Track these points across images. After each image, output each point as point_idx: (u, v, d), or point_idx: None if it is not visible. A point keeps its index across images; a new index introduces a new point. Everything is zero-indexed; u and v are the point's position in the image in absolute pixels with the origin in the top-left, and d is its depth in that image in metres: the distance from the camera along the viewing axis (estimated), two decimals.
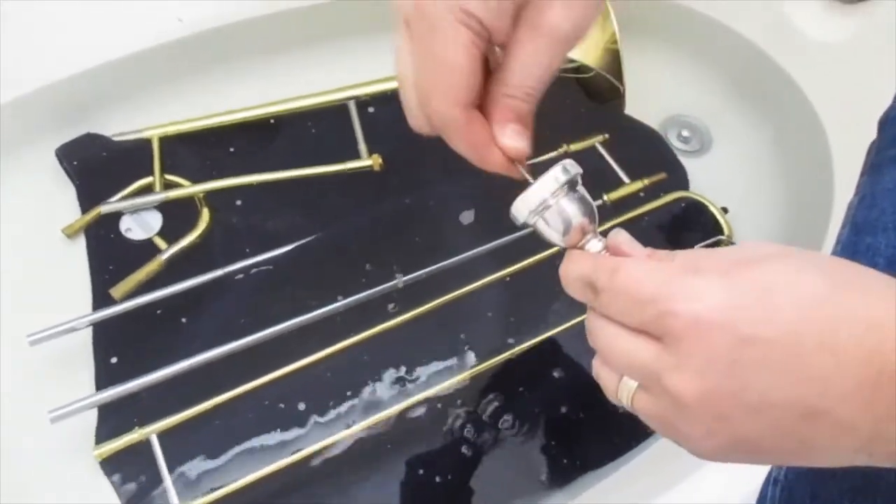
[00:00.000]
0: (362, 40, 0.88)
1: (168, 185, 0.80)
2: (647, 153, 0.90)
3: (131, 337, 0.71)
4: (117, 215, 0.77)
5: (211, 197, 0.80)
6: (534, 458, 0.67)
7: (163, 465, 0.63)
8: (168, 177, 0.81)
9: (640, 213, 0.83)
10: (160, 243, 0.76)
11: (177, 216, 0.78)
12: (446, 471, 0.66)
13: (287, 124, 0.87)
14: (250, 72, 0.89)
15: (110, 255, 0.75)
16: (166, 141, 0.82)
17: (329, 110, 0.88)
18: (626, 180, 0.86)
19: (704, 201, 0.85)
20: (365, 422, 0.67)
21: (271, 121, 0.87)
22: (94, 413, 0.66)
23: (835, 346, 0.25)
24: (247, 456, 0.66)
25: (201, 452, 0.65)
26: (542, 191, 0.32)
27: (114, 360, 0.69)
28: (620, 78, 0.89)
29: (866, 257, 0.43)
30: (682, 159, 0.91)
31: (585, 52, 0.89)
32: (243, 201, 0.80)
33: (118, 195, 0.78)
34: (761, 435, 0.27)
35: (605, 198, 0.83)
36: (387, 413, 0.67)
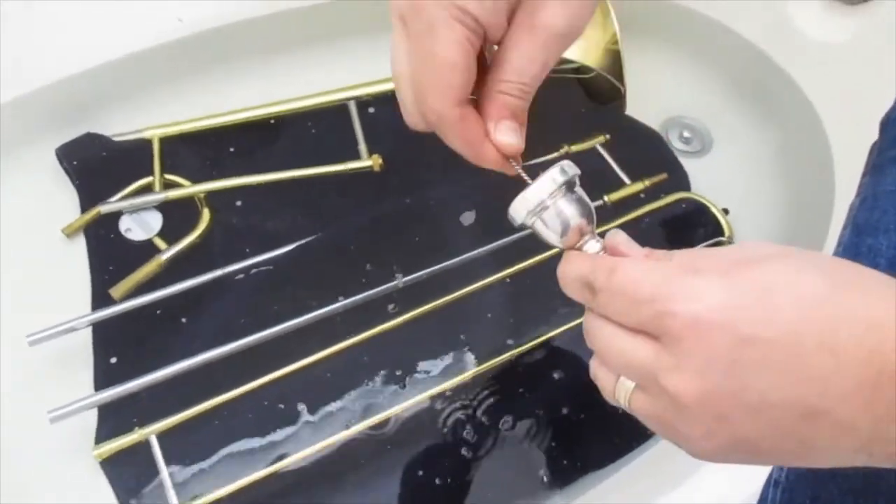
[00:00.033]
0: (362, 40, 0.88)
1: (168, 185, 0.80)
2: (647, 154, 0.90)
3: (131, 337, 0.71)
4: (117, 215, 0.77)
5: (211, 197, 0.80)
6: (534, 458, 0.67)
7: (162, 465, 0.63)
8: (168, 177, 0.80)
9: (640, 214, 0.83)
10: (160, 243, 0.76)
11: (177, 216, 0.78)
12: (446, 472, 0.65)
13: (287, 124, 0.87)
14: (250, 72, 0.89)
15: (110, 255, 0.75)
16: (166, 141, 0.82)
17: (329, 110, 0.88)
18: (627, 181, 0.86)
19: (705, 202, 0.85)
20: (364, 422, 0.67)
21: (271, 121, 0.87)
22: (93, 413, 0.66)
23: (835, 347, 0.25)
24: (246, 456, 0.65)
25: (201, 453, 0.65)
26: (540, 192, 0.32)
27: (113, 360, 0.69)
28: (621, 79, 0.89)
29: (868, 258, 0.43)
30: (683, 160, 0.91)
31: (586, 52, 0.89)
32: (243, 201, 0.80)
33: (118, 195, 0.78)
34: (761, 435, 0.27)
35: (605, 199, 0.83)
36: (386, 414, 0.67)
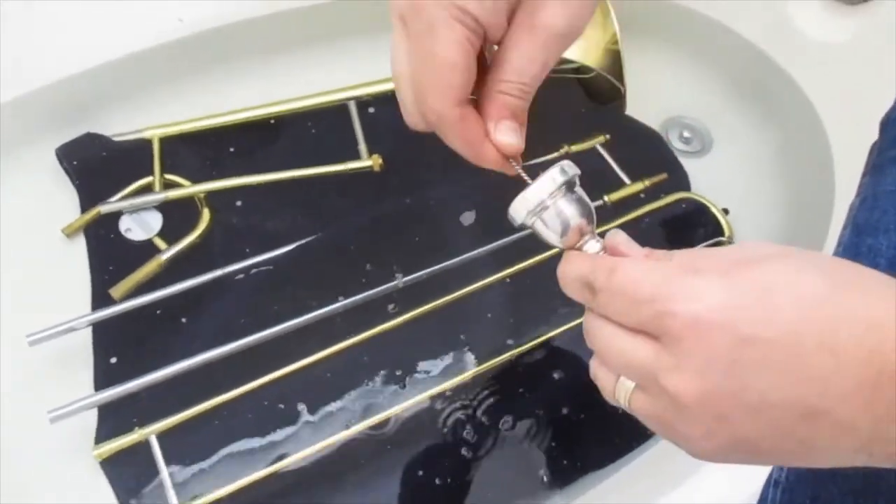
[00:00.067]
0: (362, 40, 0.88)
1: (168, 185, 0.80)
2: (647, 154, 0.90)
3: (131, 337, 0.71)
4: (117, 215, 0.77)
5: (211, 197, 0.80)
6: (534, 459, 0.67)
7: (162, 465, 0.63)
8: (168, 177, 0.80)
9: (640, 214, 0.83)
10: (160, 243, 0.76)
11: (177, 216, 0.78)
12: (446, 472, 0.65)
13: (287, 124, 0.87)
14: (250, 72, 0.89)
15: (110, 256, 0.75)
16: (166, 141, 0.82)
17: (329, 110, 0.88)
18: (627, 181, 0.86)
19: (705, 202, 0.85)
20: (364, 422, 0.67)
21: (271, 121, 0.86)
22: (93, 413, 0.66)
23: (835, 347, 0.25)
24: (246, 456, 0.65)
25: (200, 453, 0.65)
26: (539, 192, 0.32)
27: (113, 360, 0.69)
28: (621, 79, 0.89)
29: (868, 258, 0.43)
30: (683, 160, 0.91)
31: (586, 52, 0.89)
32: (243, 201, 0.80)
33: (118, 195, 0.78)
34: (761, 435, 0.27)
35: (605, 199, 0.83)
36: (386, 414, 0.67)
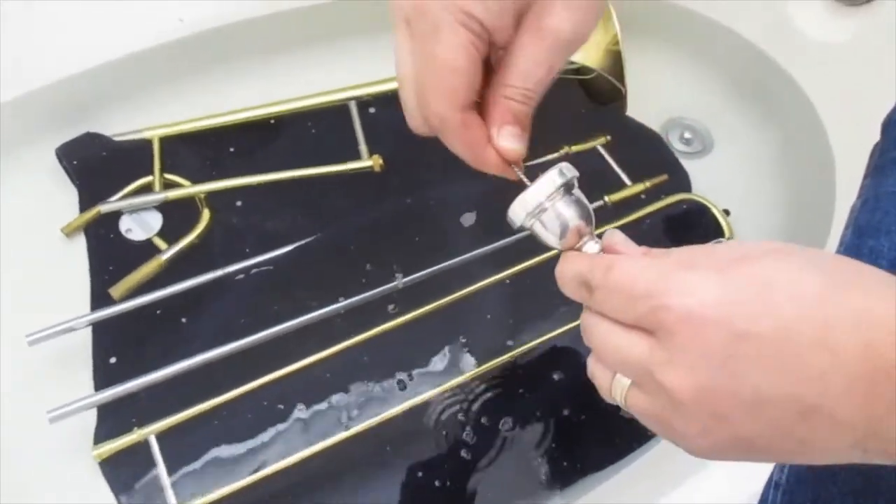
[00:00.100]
0: (362, 40, 0.88)
1: (168, 185, 0.80)
2: (648, 155, 0.90)
3: (131, 337, 0.70)
4: (117, 215, 0.77)
5: (211, 197, 0.79)
6: (533, 460, 0.66)
7: (161, 465, 0.63)
8: (168, 177, 0.80)
9: (641, 215, 0.83)
10: (160, 243, 0.76)
11: (177, 216, 0.78)
12: (446, 473, 0.65)
13: (287, 124, 0.87)
14: (250, 72, 0.89)
15: (110, 255, 0.75)
16: (166, 141, 0.82)
17: (329, 110, 0.88)
18: (628, 182, 0.85)
19: (706, 203, 0.84)
20: (364, 423, 0.66)
21: (271, 121, 0.86)
22: (93, 413, 0.66)
23: (831, 344, 0.25)
24: (245, 457, 0.65)
25: (200, 453, 0.65)
26: (538, 194, 0.32)
27: (113, 360, 0.69)
28: (622, 79, 0.89)
29: (869, 260, 0.43)
30: (684, 161, 0.90)
31: (587, 53, 0.89)
32: (243, 201, 0.80)
33: (118, 195, 0.78)
34: (757, 432, 0.27)
35: (606, 199, 0.83)
36: (386, 415, 0.67)
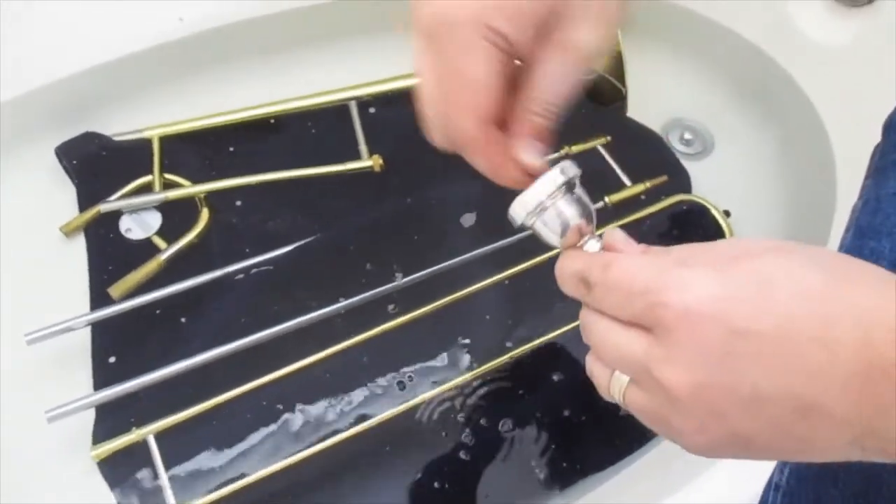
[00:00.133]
0: (363, 40, 0.88)
1: (168, 185, 0.80)
2: (648, 155, 0.90)
3: (130, 337, 0.70)
4: (117, 215, 0.77)
5: (211, 197, 0.79)
6: (533, 461, 0.66)
7: (160, 465, 0.63)
8: (168, 176, 0.80)
9: (641, 216, 0.82)
10: (159, 243, 0.76)
11: (176, 216, 0.78)
12: (445, 475, 0.65)
13: (287, 124, 0.87)
14: (250, 72, 0.89)
15: (109, 255, 0.75)
16: (166, 140, 0.82)
17: (329, 110, 0.88)
18: (628, 183, 0.85)
19: (706, 204, 0.84)
20: (363, 424, 0.66)
21: (271, 121, 0.86)
22: (91, 413, 0.65)
23: (829, 341, 0.25)
24: (244, 457, 0.65)
25: (198, 453, 0.65)
26: (539, 192, 0.31)
27: (112, 359, 0.69)
28: (623, 80, 0.89)
29: (870, 261, 0.43)
30: (685, 162, 0.90)
31: None
32: (243, 201, 0.80)
33: (117, 194, 0.78)
34: (755, 429, 0.27)
35: (606, 200, 0.83)
36: (385, 416, 0.67)
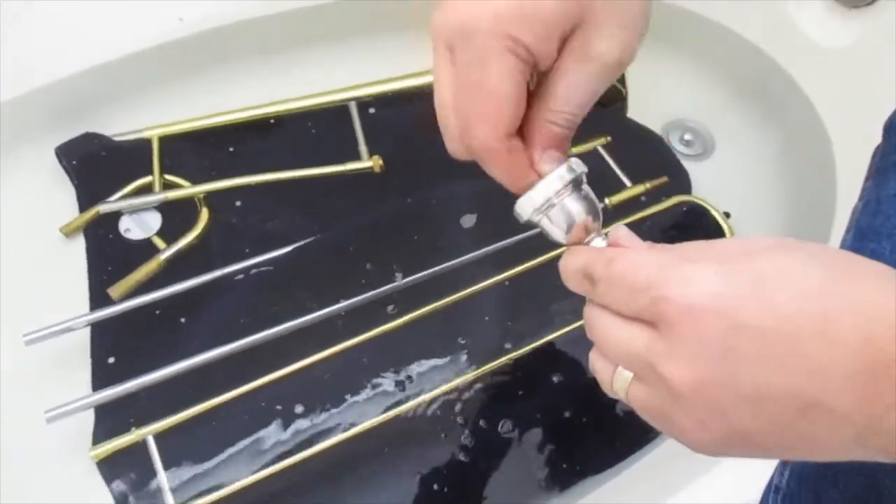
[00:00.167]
0: (363, 40, 0.88)
1: (167, 185, 0.80)
2: (648, 156, 0.90)
3: (129, 337, 0.70)
4: (116, 215, 0.77)
5: (210, 197, 0.79)
6: (533, 462, 0.66)
7: (159, 465, 0.63)
8: (167, 177, 0.80)
9: (641, 217, 0.82)
10: (159, 243, 0.76)
11: (176, 216, 0.78)
12: (444, 476, 0.65)
13: (287, 124, 0.87)
14: (250, 72, 0.89)
15: (109, 255, 0.75)
16: (166, 141, 0.82)
17: (329, 111, 0.88)
18: (628, 184, 0.85)
19: (706, 205, 0.84)
20: (362, 425, 0.66)
21: (271, 121, 0.86)
22: (90, 413, 0.65)
23: (831, 338, 0.25)
24: (243, 458, 0.65)
25: (198, 454, 0.65)
26: (546, 189, 0.31)
27: (111, 360, 0.69)
28: (623, 81, 0.89)
29: None
30: (685, 163, 0.90)
31: None
32: (243, 201, 0.80)
33: (117, 195, 0.78)
34: (756, 427, 0.27)
35: (606, 201, 0.83)
36: (385, 416, 0.67)
